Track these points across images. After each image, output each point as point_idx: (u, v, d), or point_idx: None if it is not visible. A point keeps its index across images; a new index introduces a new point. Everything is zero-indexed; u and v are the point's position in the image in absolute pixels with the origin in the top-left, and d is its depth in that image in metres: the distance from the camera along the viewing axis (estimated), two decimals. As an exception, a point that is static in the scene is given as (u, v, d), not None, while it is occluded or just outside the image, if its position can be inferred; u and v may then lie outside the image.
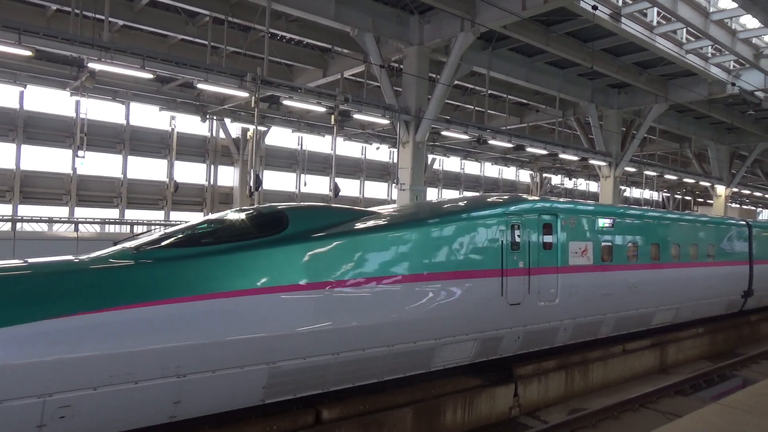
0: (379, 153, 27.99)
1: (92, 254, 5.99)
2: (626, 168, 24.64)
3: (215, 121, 23.32)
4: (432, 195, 31.33)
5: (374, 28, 15.03)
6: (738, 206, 45.33)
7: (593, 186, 40.85)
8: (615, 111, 23.44)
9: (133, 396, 5.12)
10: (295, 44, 18.35)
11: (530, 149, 21.33)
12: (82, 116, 17.07)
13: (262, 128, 22.43)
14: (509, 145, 20.68)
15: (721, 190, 32.02)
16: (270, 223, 6.65)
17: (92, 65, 11.93)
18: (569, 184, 39.52)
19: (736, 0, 13.22)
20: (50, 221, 19.46)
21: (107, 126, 21.13)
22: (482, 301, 7.93)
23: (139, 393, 5.13)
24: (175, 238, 6.27)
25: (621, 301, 10.47)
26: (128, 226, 20.54)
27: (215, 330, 5.53)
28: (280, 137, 25.47)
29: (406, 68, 16.20)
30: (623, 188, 39.62)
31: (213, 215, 7.65)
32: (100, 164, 21.10)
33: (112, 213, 21.61)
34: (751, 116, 26.00)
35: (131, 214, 21.93)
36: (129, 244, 6.17)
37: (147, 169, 22.44)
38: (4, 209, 19.18)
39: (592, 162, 23.92)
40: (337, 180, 18.36)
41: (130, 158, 21.86)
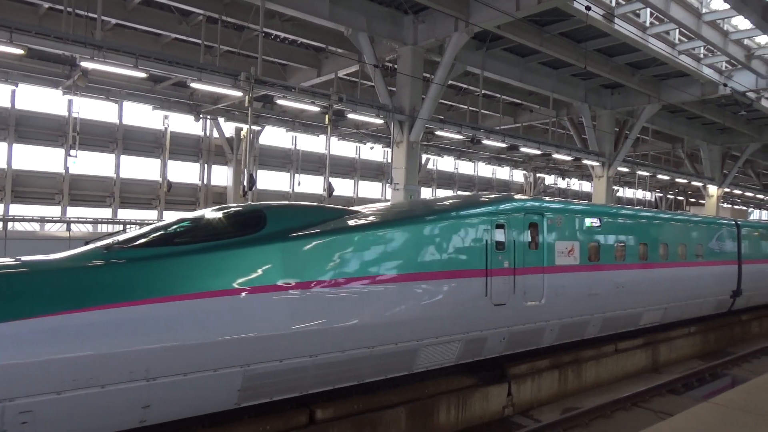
0: (374, 153, 28.02)
1: (61, 254, 5.83)
2: (619, 168, 24.76)
3: (209, 121, 23.26)
4: (426, 195, 31.34)
5: (368, 28, 15.04)
6: (730, 206, 45.60)
7: (586, 186, 41.01)
8: (608, 111, 23.55)
9: (100, 401, 4.98)
10: (289, 44, 18.31)
11: (524, 149, 21.40)
12: (75, 115, 16.91)
13: (256, 128, 22.40)
14: (503, 145, 20.72)
15: (713, 190, 32.19)
16: (247, 222, 6.49)
17: (85, 64, 11.88)
18: (563, 184, 39.64)
19: (728, 1, 13.27)
20: (42, 221, 19.34)
21: (100, 125, 21.02)
22: (466, 302, 7.78)
23: (106, 397, 4.99)
24: (149, 238, 6.11)
25: (608, 302, 10.38)
26: (121, 226, 20.41)
27: (186, 332, 5.38)
28: (274, 137, 25.42)
29: (401, 68, 16.22)
30: (616, 188, 39.83)
31: (189, 213, 7.44)
32: (93, 163, 21.00)
33: (105, 212, 21.51)
34: (743, 117, 26.18)
35: (124, 214, 21.83)
36: (100, 244, 5.97)
37: (140, 169, 22.34)
38: (-4, 209, 19.05)
39: (586, 162, 24.04)
40: (332, 180, 18.34)
41: (123, 157, 21.76)
